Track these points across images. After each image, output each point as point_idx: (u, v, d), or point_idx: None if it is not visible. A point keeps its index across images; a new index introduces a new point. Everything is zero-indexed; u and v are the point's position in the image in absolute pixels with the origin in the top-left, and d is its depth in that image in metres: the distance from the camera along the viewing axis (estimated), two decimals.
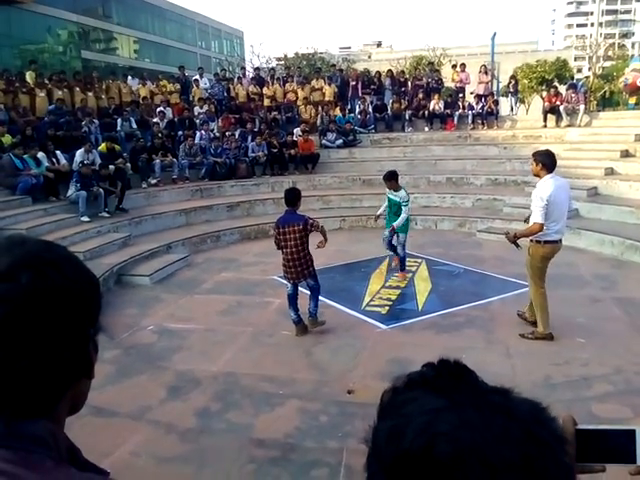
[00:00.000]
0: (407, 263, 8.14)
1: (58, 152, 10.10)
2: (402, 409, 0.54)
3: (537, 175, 5.14)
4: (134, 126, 12.64)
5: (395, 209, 7.23)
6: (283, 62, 31.90)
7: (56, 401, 0.69)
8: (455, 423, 0.50)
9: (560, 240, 5.16)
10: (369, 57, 58.08)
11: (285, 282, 5.88)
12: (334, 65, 21.65)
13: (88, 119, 11.85)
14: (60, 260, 0.70)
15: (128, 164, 11.06)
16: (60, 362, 0.67)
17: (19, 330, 0.63)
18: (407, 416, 0.52)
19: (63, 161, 10.05)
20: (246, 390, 4.53)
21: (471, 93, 15.90)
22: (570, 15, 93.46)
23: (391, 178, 7.23)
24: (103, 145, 10.85)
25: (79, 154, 9.99)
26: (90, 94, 13.14)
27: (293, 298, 5.63)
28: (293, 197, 5.56)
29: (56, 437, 0.67)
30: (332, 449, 3.64)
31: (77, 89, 13.04)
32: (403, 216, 7.07)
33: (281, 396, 4.40)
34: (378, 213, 7.80)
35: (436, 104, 14.73)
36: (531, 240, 5.17)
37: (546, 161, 5.03)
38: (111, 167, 10.00)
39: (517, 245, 5.24)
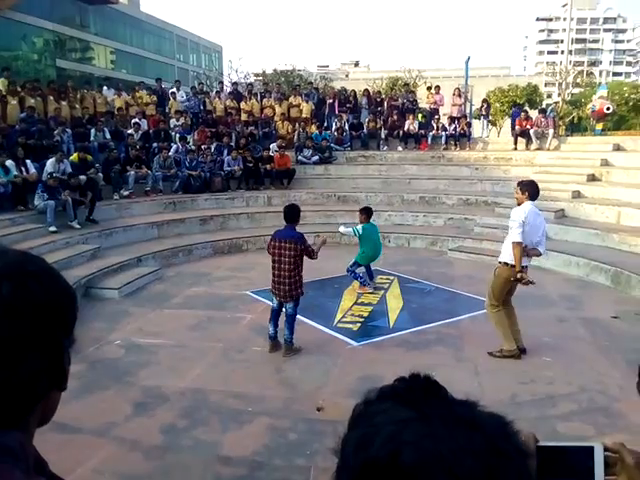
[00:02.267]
0: (379, 280, 8.22)
1: (28, 161, 9.90)
2: (372, 419, 0.55)
3: (520, 204, 5.26)
4: (108, 137, 12.49)
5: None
6: (261, 78, 32.04)
7: (28, 412, 0.68)
8: (421, 433, 0.51)
9: (527, 266, 5.27)
10: (346, 76, 58.84)
11: (264, 299, 5.84)
12: (311, 83, 21.87)
13: (61, 128, 11.65)
14: (40, 272, 0.70)
15: (100, 174, 10.91)
16: (35, 374, 0.67)
17: None
18: (376, 426, 0.53)
19: (32, 170, 9.85)
20: (214, 407, 4.47)
21: (444, 115, 16.24)
22: (541, 42, 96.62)
23: (361, 212, 7.64)
24: (75, 155, 10.69)
25: (49, 164, 9.81)
26: (64, 103, 12.95)
27: (276, 314, 5.60)
28: (293, 214, 5.53)
29: (25, 448, 0.66)
30: (300, 467, 3.62)
31: (51, 98, 12.83)
32: (346, 229, 7.75)
33: (250, 413, 4.36)
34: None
35: (411, 124, 14.99)
36: (500, 262, 5.29)
37: (531, 190, 5.21)
38: (82, 177, 9.84)
39: (527, 281, 5.16)
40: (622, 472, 0.86)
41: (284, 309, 5.58)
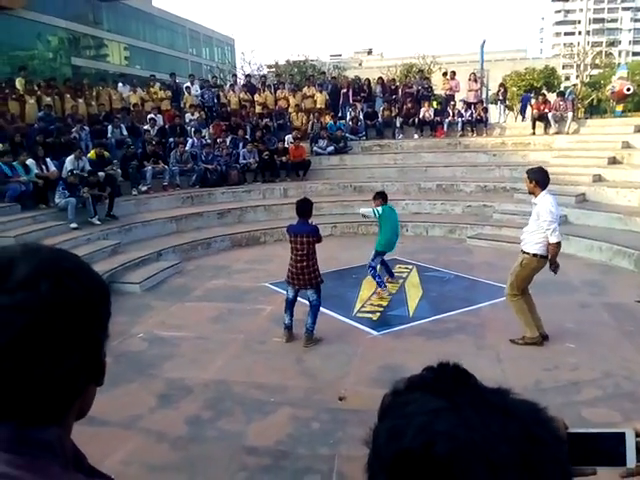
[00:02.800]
0: (398, 269, 8.18)
1: (47, 159, 10.04)
2: (402, 410, 0.55)
3: (532, 193, 5.20)
4: (125, 133, 12.61)
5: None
6: (274, 69, 31.97)
7: (67, 408, 0.70)
8: (454, 422, 0.51)
9: (547, 256, 5.22)
10: (360, 65, 58.38)
11: (283, 290, 5.88)
12: (324, 72, 21.75)
13: (78, 126, 11.80)
14: (76, 268, 0.71)
15: (118, 171, 11.03)
16: (74, 370, 0.68)
17: (37, 339, 0.64)
18: (407, 416, 0.53)
19: (52, 168, 9.99)
20: (237, 398, 4.52)
21: (461, 100, 16.04)
22: (558, 23, 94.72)
23: (374, 197, 7.30)
24: (92, 152, 10.80)
25: (69, 161, 9.94)
26: (80, 101, 13.09)
27: (291, 304, 5.67)
28: (305, 208, 5.58)
29: (63, 443, 0.68)
30: (324, 456, 3.64)
31: (67, 96, 12.98)
32: (367, 210, 7.35)
33: (273, 403, 4.39)
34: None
35: (426, 111, 14.84)
36: (526, 252, 5.20)
37: (539, 178, 5.11)
38: (100, 174, 9.96)
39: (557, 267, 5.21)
40: None
41: (308, 300, 5.63)
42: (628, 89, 15.77)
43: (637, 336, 5.46)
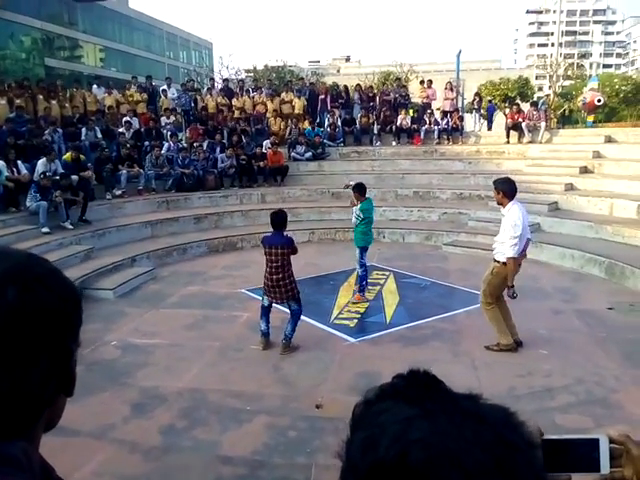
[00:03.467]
0: (375, 276, 8.20)
1: (19, 162, 9.80)
2: (375, 420, 0.54)
3: (500, 204, 5.24)
4: (99, 136, 12.40)
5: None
6: (252, 74, 31.92)
7: (35, 420, 0.67)
8: (428, 430, 0.50)
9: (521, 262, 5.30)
10: (338, 71, 58.75)
11: (260, 297, 5.84)
12: (302, 78, 21.78)
13: (51, 128, 11.56)
14: (46, 274, 0.68)
15: (92, 174, 10.83)
16: (43, 380, 0.65)
17: (3, 349, 0.61)
18: (380, 426, 0.52)
19: (24, 171, 9.75)
20: (213, 406, 4.46)
21: (437, 109, 16.24)
22: (532, 35, 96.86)
23: (353, 189, 7.13)
24: (68, 155, 10.59)
25: (41, 164, 9.72)
26: (54, 102, 12.83)
27: (267, 310, 5.63)
28: (280, 220, 5.53)
29: (30, 457, 0.65)
30: (301, 465, 3.62)
31: (40, 97, 12.72)
32: (353, 219, 7.09)
33: (249, 412, 4.35)
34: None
35: (403, 119, 14.98)
36: (497, 260, 5.28)
37: (506, 189, 5.17)
38: (74, 177, 9.76)
39: (513, 293, 5.24)
40: (628, 464, 0.86)
41: (289, 308, 5.60)
42: (599, 100, 16.19)
43: (608, 342, 5.58)
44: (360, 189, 7.10)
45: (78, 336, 0.72)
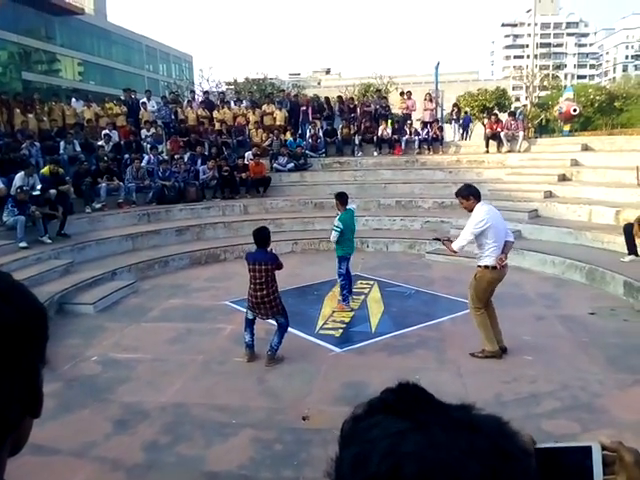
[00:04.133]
0: (359, 285, 8.19)
1: None
2: (365, 435, 0.52)
3: (472, 209, 5.25)
4: (78, 149, 12.25)
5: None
6: (233, 87, 31.94)
7: (4, 439, 0.62)
8: (421, 442, 0.49)
9: (505, 265, 5.30)
10: (319, 83, 59.12)
11: (244, 308, 5.78)
12: (283, 90, 21.87)
13: (28, 142, 11.38)
14: (8, 290, 0.64)
15: (71, 188, 10.68)
16: (6, 402, 0.61)
17: None
18: (371, 441, 0.51)
19: (0, 185, 9.57)
20: (197, 421, 4.37)
21: (417, 120, 16.42)
22: (508, 47, 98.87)
23: (335, 198, 7.09)
24: (46, 168, 10.42)
25: (18, 178, 9.53)
26: (30, 116, 12.66)
27: (251, 322, 5.56)
28: (262, 237, 5.45)
29: None
30: (288, 478, 3.56)
31: (17, 110, 12.55)
32: (331, 236, 6.99)
33: (234, 426, 4.27)
34: None
35: (384, 130, 15.10)
36: (479, 265, 5.31)
37: (473, 192, 5.24)
38: (52, 191, 9.60)
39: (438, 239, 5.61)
40: (621, 471, 0.85)
41: (276, 322, 5.55)
42: (575, 110, 16.52)
43: (591, 347, 5.62)
44: (341, 198, 7.04)
45: (44, 353, 0.68)
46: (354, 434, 0.54)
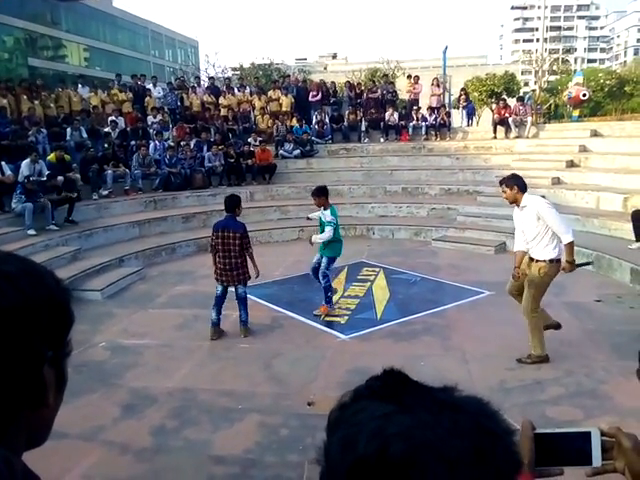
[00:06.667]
0: (365, 272, 8.20)
1: (2, 163, 9.66)
2: (352, 419, 0.54)
3: (515, 201, 4.89)
4: (84, 135, 12.26)
5: (322, 229, 6.35)
6: (239, 72, 31.75)
7: (7, 426, 0.63)
8: (406, 423, 0.51)
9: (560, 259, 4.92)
10: (325, 68, 58.69)
11: (249, 295, 5.84)
12: (289, 76, 21.71)
13: (35, 128, 11.40)
14: (17, 273, 0.64)
15: (78, 175, 10.71)
16: (5, 385, 0.61)
17: None
18: (358, 424, 0.52)
19: (8, 172, 9.61)
20: (204, 406, 4.43)
21: (427, 105, 16.24)
22: (517, 31, 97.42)
23: (319, 194, 6.23)
24: (53, 155, 10.46)
25: (25, 165, 9.58)
26: (37, 102, 12.67)
27: (220, 300, 5.76)
28: (233, 204, 5.68)
29: (11, 466, 0.62)
30: (293, 463, 3.60)
31: (24, 97, 12.56)
32: (324, 235, 6.21)
33: (240, 411, 4.32)
34: (310, 216, 6.81)
35: (391, 115, 14.99)
36: (543, 260, 4.81)
37: (519, 183, 4.89)
38: (60, 178, 9.65)
39: (581, 264, 4.98)
40: (619, 456, 0.86)
41: (236, 293, 5.73)
42: (584, 95, 16.31)
43: (596, 334, 5.62)
44: (325, 192, 6.25)
45: (60, 342, 0.69)
46: (341, 420, 0.56)
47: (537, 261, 4.83)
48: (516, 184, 4.87)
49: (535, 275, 4.85)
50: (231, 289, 5.82)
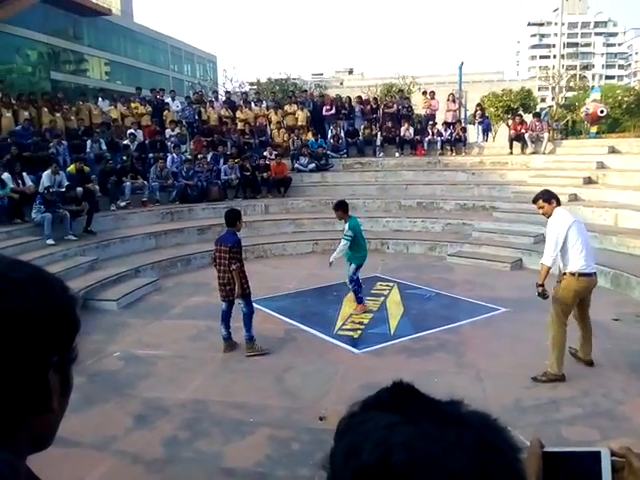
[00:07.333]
0: (379, 287, 8.18)
1: (24, 173, 9.87)
2: (359, 428, 0.55)
3: (549, 214, 4.98)
4: (104, 148, 12.49)
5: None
6: (256, 86, 32.12)
7: (12, 430, 0.64)
8: (410, 434, 0.51)
9: (595, 273, 4.95)
10: (341, 84, 59.10)
11: (262, 307, 5.88)
12: (305, 90, 21.90)
13: (56, 140, 11.64)
14: (26, 280, 0.66)
15: (97, 186, 10.90)
16: (10, 390, 0.62)
17: None
18: (364, 433, 0.53)
19: (29, 182, 9.82)
20: (215, 418, 4.43)
21: (442, 121, 16.25)
22: (534, 47, 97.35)
23: (338, 208, 6.78)
24: (72, 166, 10.66)
25: (46, 176, 9.78)
26: (58, 115, 12.94)
27: (226, 315, 5.81)
28: (232, 218, 5.72)
29: (16, 470, 0.62)
30: (304, 477, 3.58)
31: (45, 110, 12.84)
32: (338, 249, 6.73)
33: (251, 424, 4.31)
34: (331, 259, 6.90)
35: (406, 130, 15.02)
36: (564, 273, 4.88)
37: (554, 197, 4.97)
38: (79, 189, 9.81)
39: (544, 295, 5.00)
40: (630, 476, 0.85)
41: (241, 310, 5.74)
42: (602, 111, 16.19)
43: (614, 354, 5.52)
44: (344, 206, 6.79)
45: (67, 349, 0.69)
46: (348, 428, 0.57)
47: (562, 274, 4.90)
48: (552, 197, 4.99)
49: (557, 288, 4.91)
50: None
